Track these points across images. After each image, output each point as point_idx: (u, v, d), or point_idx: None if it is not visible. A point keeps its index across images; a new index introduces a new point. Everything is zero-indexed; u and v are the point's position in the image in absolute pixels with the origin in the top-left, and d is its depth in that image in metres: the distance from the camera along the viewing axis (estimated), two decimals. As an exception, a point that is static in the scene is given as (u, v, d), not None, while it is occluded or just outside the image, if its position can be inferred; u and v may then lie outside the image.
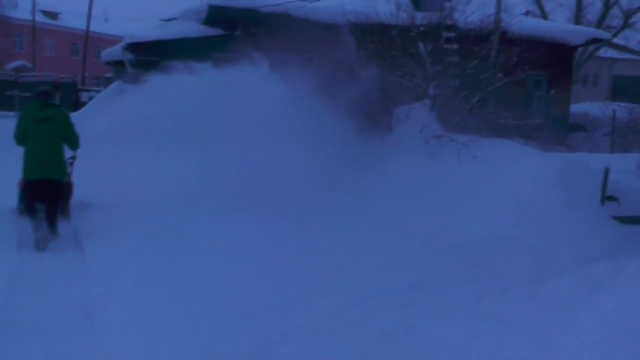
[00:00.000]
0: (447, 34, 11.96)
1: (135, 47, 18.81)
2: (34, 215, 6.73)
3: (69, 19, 47.80)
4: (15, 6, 45.03)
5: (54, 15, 49.64)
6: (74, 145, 7.37)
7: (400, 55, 11.05)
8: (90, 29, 31.32)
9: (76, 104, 22.92)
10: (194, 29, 17.76)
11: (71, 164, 7.71)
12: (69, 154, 7.50)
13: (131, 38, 19.17)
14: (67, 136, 7.13)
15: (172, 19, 19.34)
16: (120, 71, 21.81)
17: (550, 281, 4.77)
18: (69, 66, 42.56)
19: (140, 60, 18.14)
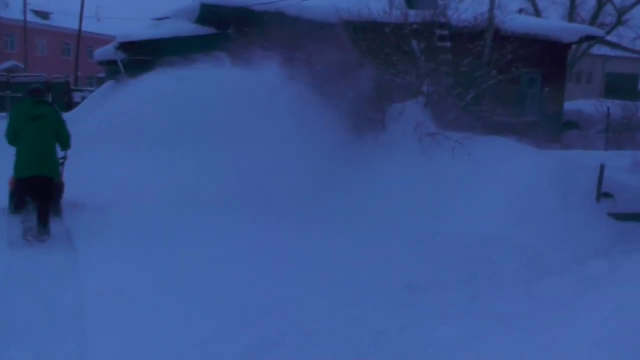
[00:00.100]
0: (440, 32, 11.94)
1: (128, 47, 18.77)
2: (23, 208, 6.66)
3: (61, 19, 47.44)
4: (6, 6, 44.89)
5: (45, 15, 49.31)
6: (66, 145, 7.29)
7: (393, 53, 11.01)
8: (83, 28, 31.09)
9: (69, 104, 22.82)
10: (187, 27, 17.72)
11: (62, 164, 7.63)
12: (60, 154, 7.41)
13: (123, 37, 19.12)
14: (59, 134, 7.05)
15: (164, 18, 19.26)
16: (112, 71, 21.71)
17: (547, 280, 4.75)
18: (61, 66, 42.37)
19: (133, 60, 18.08)
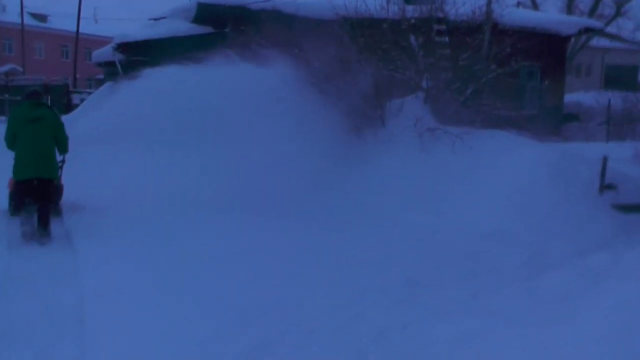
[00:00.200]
0: (438, 27, 11.88)
1: (126, 47, 18.72)
2: (23, 209, 6.65)
3: (58, 21, 47.36)
4: (3, 9, 44.85)
5: (43, 18, 49.24)
6: (64, 148, 7.27)
7: (391, 48, 10.96)
8: (80, 30, 31.03)
9: (68, 106, 22.77)
10: (184, 27, 17.66)
11: (60, 167, 7.61)
12: (59, 158, 7.39)
13: (121, 38, 19.07)
14: (57, 137, 7.05)
15: (161, 18, 19.21)
16: (111, 72, 21.68)
17: (548, 275, 4.70)
18: (59, 68, 42.31)
19: (131, 60, 18.04)
